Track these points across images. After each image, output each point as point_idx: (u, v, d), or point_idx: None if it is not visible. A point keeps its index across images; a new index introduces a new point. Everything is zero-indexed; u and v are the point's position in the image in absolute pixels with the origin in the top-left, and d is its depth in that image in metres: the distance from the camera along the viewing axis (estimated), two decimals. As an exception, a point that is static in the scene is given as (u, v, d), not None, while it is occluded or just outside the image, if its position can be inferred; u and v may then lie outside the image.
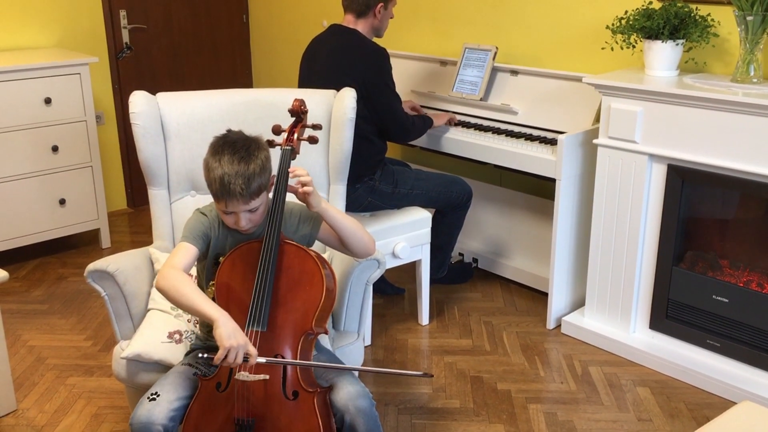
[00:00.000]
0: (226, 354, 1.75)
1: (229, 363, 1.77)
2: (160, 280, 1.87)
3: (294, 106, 2.09)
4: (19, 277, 3.72)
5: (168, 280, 1.86)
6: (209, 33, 4.86)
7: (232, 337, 1.77)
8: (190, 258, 1.95)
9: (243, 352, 1.77)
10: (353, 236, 2.03)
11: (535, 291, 3.50)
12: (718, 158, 2.60)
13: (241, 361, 1.78)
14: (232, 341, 1.76)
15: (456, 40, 3.79)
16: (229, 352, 1.75)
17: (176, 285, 1.85)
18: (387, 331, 3.20)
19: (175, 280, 1.85)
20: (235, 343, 1.76)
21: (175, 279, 1.86)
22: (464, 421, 2.60)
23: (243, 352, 1.77)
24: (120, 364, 2.20)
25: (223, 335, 1.76)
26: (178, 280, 1.86)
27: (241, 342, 1.77)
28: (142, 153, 2.46)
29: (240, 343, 1.77)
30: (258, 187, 1.90)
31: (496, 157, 3.18)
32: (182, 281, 1.86)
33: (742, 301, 2.69)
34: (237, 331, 1.79)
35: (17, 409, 2.66)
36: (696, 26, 2.76)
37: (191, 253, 1.96)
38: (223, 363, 1.77)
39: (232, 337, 1.76)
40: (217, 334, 1.78)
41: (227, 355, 1.75)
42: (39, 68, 3.65)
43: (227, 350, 1.75)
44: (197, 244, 1.98)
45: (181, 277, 1.87)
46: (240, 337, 1.78)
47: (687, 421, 2.59)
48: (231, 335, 1.77)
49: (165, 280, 1.86)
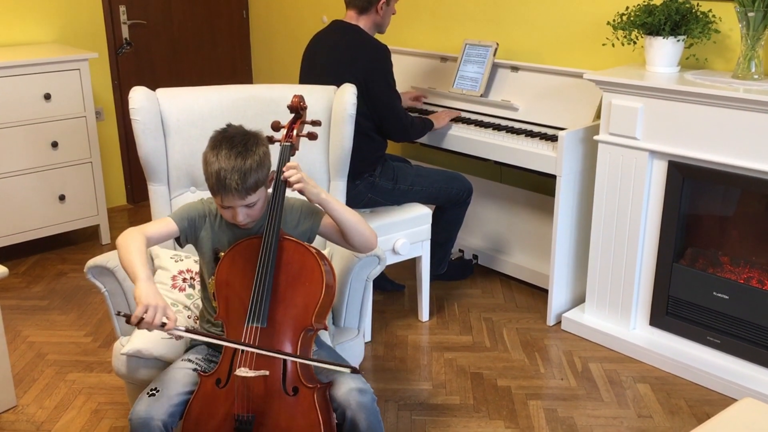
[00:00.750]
0: (144, 312, 1.75)
1: (146, 323, 1.75)
2: (119, 237, 1.92)
3: (293, 103, 2.09)
4: (19, 273, 3.72)
5: (123, 238, 1.91)
6: (209, 29, 4.85)
7: (151, 297, 1.77)
8: (162, 230, 1.98)
9: (162, 313, 1.77)
10: (354, 229, 2.03)
11: (536, 287, 3.50)
12: (719, 155, 2.60)
13: (159, 323, 1.77)
14: (150, 300, 1.76)
15: (456, 36, 3.78)
16: (148, 309, 1.75)
17: (127, 243, 1.89)
18: (387, 328, 3.20)
19: (129, 239, 1.90)
20: (154, 302, 1.76)
21: (130, 238, 1.90)
22: (464, 418, 2.60)
23: (162, 314, 1.77)
24: (120, 360, 2.20)
25: (141, 294, 1.77)
26: (131, 240, 1.89)
27: (160, 303, 1.77)
28: (141, 149, 2.45)
29: (158, 304, 1.77)
30: (255, 183, 1.90)
31: (497, 154, 3.18)
32: (133, 241, 1.89)
33: (743, 298, 2.69)
34: (157, 293, 1.80)
35: (17, 405, 2.66)
36: (697, 22, 2.76)
37: (166, 227, 1.99)
38: (140, 324, 1.76)
39: (150, 297, 1.77)
40: (135, 294, 1.79)
41: (145, 313, 1.75)
42: (38, 64, 3.64)
43: (145, 307, 1.75)
44: (178, 224, 2.01)
45: (136, 238, 1.90)
46: (159, 300, 1.78)
47: (687, 418, 2.59)
48: (149, 295, 1.78)
49: (122, 237, 1.91)
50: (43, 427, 2.55)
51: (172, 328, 1.80)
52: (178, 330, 1.82)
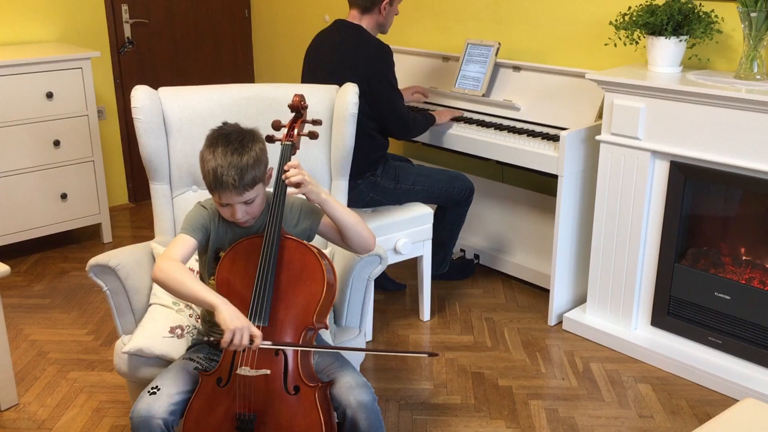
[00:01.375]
0: (232, 336, 1.76)
1: (235, 345, 1.78)
2: (157, 272, 1.88)
3: (294, 102, 2.09)
4: (21, 272, 3.73)
5: (165, 272, 1.87)
6: (211, 28, 4.86)
7: (236, 319, 1.79)
8: (187, 249, 1.96)
9: (248, 333, 1.79)
10: (353, 230, 2.03)
11: (537, 287, 3.49)
12: (721, 155, 2.59)
13: (247, 343, 1.79)
14: (236, 323, 1.78)
15: (458, 35, 3.78)
16: (235, 333, 1.77)
17: (174, 275, 1.86)
18: (388, 327, 3.20)
19: (173, 271, 1.87)
20: (239, 324, 1.78)
21: (173, 269, 1.87)
22: (465, 417, 2.60)
23: (248, 334, 1.79)
24: (121, 358, 2.20)
25: (227, 319, 1.78)
26: (176, 270, 1.87)
27: (244, 324, 1.79)
28: (143, 148, 2.46)
29: (244, 325, 1.79)
30: (252, 179, 1.90)
31: (498, 153, 3.18)
32: (180, 271, 1.87)
33: (744, 299, 2.68)
34: (238, 313, 1.81)
35: (19, 403, 2.67)
36: (699, 22, 2.75)
37: (189, 245, 1.96)
38: (230, 346, 1.78)
39: (235, 320, 1.78)
40: (221, 318, 1.79)
41: (233, 337, 1.77)
42: (41, 62, 3.65)
43: (233, 332, 1.77)
44: (196, 236, 1.98)
45: (179, 267, 1.88)
46: (243, 320, 1.80)
47: (688, 418, 2.59)
48: (234, 318, 1.79)
49: (162, 272, 1.87)
50: (45, 426, 2.55)
51: (259, 344, 1.82)
52: (264, 344, 1.83)
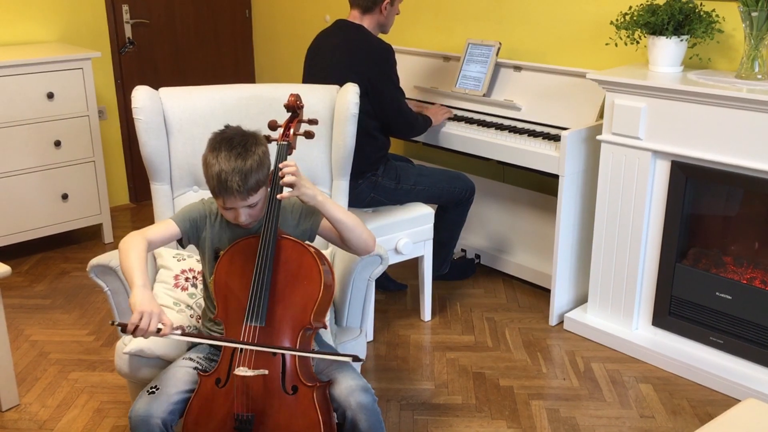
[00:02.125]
0: (139, 318, 1.76)
1: (141, 329, 1.77)
2: (121, 242, 1.93)
3: (289, 102, 2.08)
4: (22, 272, 3.73)
5: (124, 242, 1.92)
6: (212, 28, 4.86)
7: (146, 303, 1.79)
8: (164, 233, 1.99)
9: (156, 319, 1.78)
10: (352, 232, 2.02)
11: (538, 287, 3.49)
12: (722, 155, 2.59)
13: (154, 329, 1.78)
14: (145, 307, 1.78)
15: (459, 35, 3.77)
16: (143, 316, 1.76)
17: (127, 248, 1.90)
18: (389, 327, 3.20)
19: (130, 244, 1.90)
20: (148, 309, 1.78)
21: (131, 243, 1.91)
22: (466, 417, 2.59)
23: (156, 320, 1.78)
24: (122, 359, 2.20)
25: (136, 301, 1.79)
26: (131, 244, 1.90)
27: (155, 310, 1.79)
28: (144, 148, 2.46)
29: (153, 311, 1.78)
30: (256, 183, 1.90)
31: (499, 153, 3.17)
32: (134, 246, 1.90)
33: (746, 298, 2.68)
34: (152, 300, 1.81)
35: (20, 403, 2.67)
36: (700, 22, 2.75)
37: (168, 229, 2.00)
38: (136, 331, 1.77)
39: (145, 304, 1.78)
40: (130, 301, 1.80)
41: (141, 319, 1.76)
42: (41, 63, 3.65)
43: (140, 314, 1.76)
44: (180, 225, 2.01)
45: (137, 242, 1.91)
46: (154, 306, 1.79)
47: (689, 418, 2.58)
48: (144, 301, 1.79)
49: (123, 242, 1.92)
50: (46, 426, 2.55)
51: (167, 333, 1.80)
52: (174, 334, 1.82)
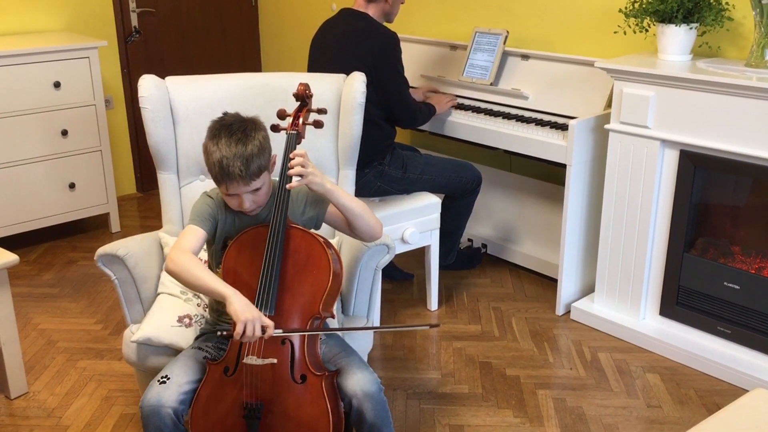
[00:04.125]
0: (244, 328, 1.77)
1: (248, 337, 1.78)
2: (170, 263, 1.88)
3: (298, 91, 2.08)
4: (30, 261, 3.74)
5: (177, 263, 1.87)
6: (218, 16, 4.84)
7: (246, 311, 1.79)
8: (197, 240, 1.96)
9: (260, 324, 1.79)
10: (359, 218, 2.02)
11: (545, 277, 3.48)
12: (731, 144, 2.57)
13: (260, 334, 1.79)
14: (247, 314, 1.78)
15: (466, 24, 3.75)
16: (246, 325, 1.77)
17: (187, 266, 1.86)
18: (396, 317, 3.20)
19: (185, 262, 1.87)
20: (250, 316, 1.78)
21: (185, 261, 1.87)
22: (473, 407, 2.60)
23: (260, 324, 1.79)
24: (130, 347, 2.21)
25: (238, 310, 1.78)
26: (188, 262, 1.87)
27: (255, 315, 1.79)
28: (151, 137, 2.45)
29: (255, 316, 1.79)
30: (258, 168, 1.90)
31: (507, 143, 3.16)
32: (192, 263, 1.87)
33: (754, 288, 2.67)
34: (249, 305, 1.81)
35: (28, 391, 2.68)
36: (710, 10, 2.73)
37: (199, 236, 1.97)
38: (242, 338, 1.79)
39: (246, 311, 1.79)
40: (232, 310, 1.79)
41: (245, 328, 1.77)
42: (48, 52, 3.65)
43: (244, 323, 1.77)
44: (204, 227, 1.98)
45: (190, 258, 1.88)
46: (254, 311, 1.80)
47: (697, 408, 2.58)
48: (245, 309, 1.79)
49: (174, 263, 1.88)
50: (54, 414, 2.57)
51: (271, 334, 1.82)
52: (276, 332, 1.83)
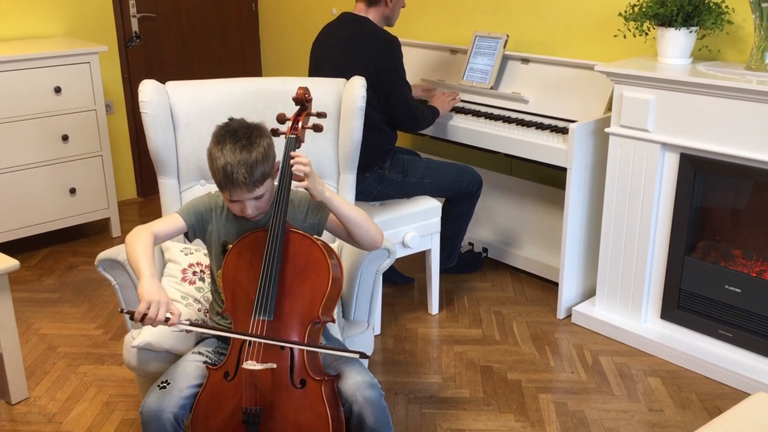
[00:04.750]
0: (147, 307, 1.77)
1: (150, 318, 1.77)
2: (128, 234, 1.95)
3: (298, 95, 2.08)
4: (30, 266, 3.74)
5: (131, 236, 1.94)
6: (218, 21, 4.85)
7: (153, 293, 1.79)
8: (169, 226, 2.01)
9: (164, 308, 1.79)
10: (359, 227, 2.02)
11: (546, 281, 3.48)
12: (732, 147, 2.57)
13: (163, 318, 1.78)
14: (153, 297, 1.78)
15: (466, 28, 3.76)
16: (151, 306, 1.77)
17: (133, 241, 1.92)
18: (397, 321, 3.20)
19: (136, 237, 1.92)
20: (156, 298, 1.78)
21: (137, 236, 1.93)
22: (474, 411, 2.59)
23: (165, 309, 1.79)
24: (131, 352, 2.20)
25: (144, 291, 1.80)
26: (138, 237, 1.92)
27: (162, 299, 1.79)
28: (151, 142, 2.46)
29: (161, 300, 1.79)
30: (261, 175, 1.90)
31: (507, 146, 3.16)
32: (140, 239, 1.91)
33: (755, 291, 2.66)
34: (159, 290, 1.81)
35: (29, 397, 2.68)
36: (710, 13, 2.73)
37: (174, 223, 2.02)
38: (144, 320, 1.78)
39: (153, 293, 1.79)
40: (138, 290, 1.81)
41: (149, 308, 1.77)
42: (49, 57, 3.65)
43: (148, 303, 1.77)
44: (186, 219, 2.02)
45: (143, 236, 1.92)
46: (162, 296, 1.80)
47: (698, 412, 2.57)
48: (152, 291, 1.80)
49: (129, 235, 1.94)
50: (55, 419, 2.56)
51: (176, 323, 1.81)
52: (182, 324, 1.83)
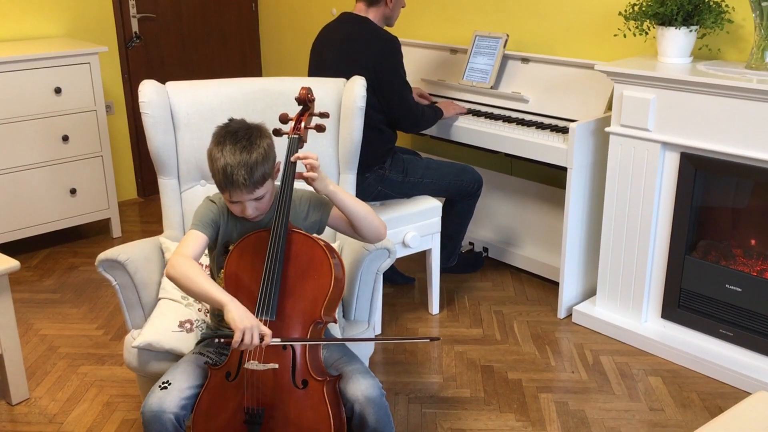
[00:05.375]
0: (242, 336, 1.76)
1: (246, 345, 1.78)
2: (170, 269, 1.88)
3: (301, 95, 2.08)
4: (31, 267, 3.74)
5: (177, 269, 1.87)
6: (218, 22, 4.85)
7: (245, 318, 1.79)
8: (199, 246, 1.95)
9: (258, 332, 1.79)
10: (363, 220, 2.02)
11: (546, 280, 3.48)
12: (732, 146, 2.57)
13: (258, 342, 1.78)
14: (246, 323, 1.78)
15: (466, 27, 3.76)
16: (245, 333, 1.77)
17: (186, 272, 1.86)
18: (397, 321, 3.20)
19: (185, 268, 1.87)
20: (249, 324, 1.78)
21: (185, 267, 1.87)
22: (475, 410, 2.59)
23: (258, 333, 1.79)
24: (131, 353, 2.20)
25: (236, 318, 1.78)
26: (188, 268, 1.87)
27: (253, 323, 1.79)
28: (151, 142, 2.46)
29: (253, 324, 1.79)
30: (261, 176, 1.89)
31: (507, 146, 3.16)
32: (192, 269, 1.87)
33: (756, 291, 2.66)
34: (247, 313, 1.81)
35: (30, 397, 2.68)
36: (710, 12, 2.73)
37: (200, 241, 1.96)
38: (240, 346, 1.78)
39: (244, 319, 1.78)
40: (230, 318, 1.79)
41: (243, 336, 1.77)
42: (49, 58, 3.65)
43: (242, 332, 1.76)
44: (206, 232, 1.98)
45: (191, 264, 1.88)
46: (252, 319, 1.80)
47: (699, 411, 2.57)
48: (243, 317, 1.79)
49: (174, 269, 1.87)
50: (56, 420, 2.56)
51: (269, 342, 1.81)
52: (274, 341, 1.83)
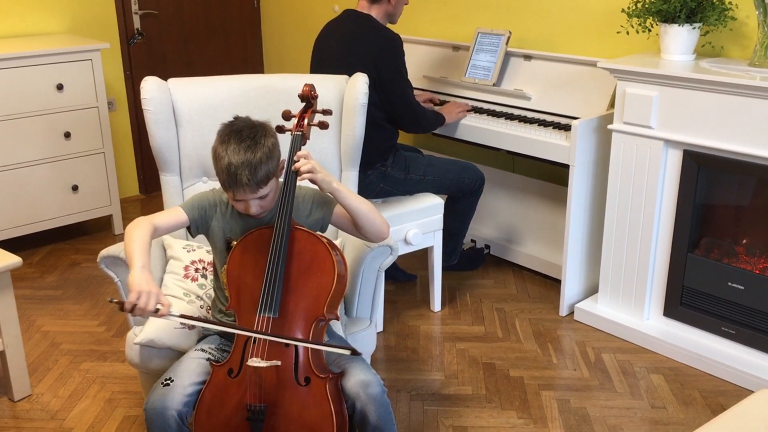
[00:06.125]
0: (137, 297, 1.76)
1: (140, 308, 1.76)
2: (129, 225, 1.94)
3: (304, 92, 2.08)
4: (33, 263, 3.75)
5: (130, 226, 1.93)
6: (220, 18, 4.85)
7: (143, 283, 1.78)
8: (172, 220, 2.01)
9: (154, 299, 1.78)
10: (366, 218, 2.02)
11: (548, 278, 3.48)
12: (735, 144, 2.57)
13: (152, 308, 1.77)
14: (143, 287, 1.77)
15: (468, 24, 3.75)
16: (140, 296, 1.76)
17: (132, 231, 1.91)
18: (399, 318, 3.20)
19: (135, 228, 1.92)
20: (146, 288, 1.78)
21: (136, 227, 1.92)
22: (476, 408, 2.59)
23: (154, 300, 1.78)
24: (133, 349, 2.20)
25: (134, 281, 1.79)
26: (136, 228, 1.92)
27: (153, 290, 1.78)
28: (153, 139, 2.46)
29: (151, 290, 1.78)
30: (265, 175, 1.89)
31: (509, 143, 3.16)
32: (137, 231, 1.91)
33: (758, 288, 2.66)
34: (149, 281, 1.80)
35: (32, 394, 2.68)
36: (713, 9, 2.72)
37: (176, 217, 2.01)
38: (134, 310, 1.77)
39: (143, 283, 1.78)
40: (128, 281, 1.80)
41: (138, 298, 1.76)
42: (51, 54, 3.65)
43: (138, 294, 1.76)
44: (189, 213, 2.02)
45: (142, 227, 1.92)
46: (152, 286, 1.79)
47: (701, 409, 2.57)
48: (142, 281, 1.79)
49: (129, 226, 1.94)
50: (58, 416, 2.57)
51: (165, 313, 1.80)
52: (172, 315, 1.82)
